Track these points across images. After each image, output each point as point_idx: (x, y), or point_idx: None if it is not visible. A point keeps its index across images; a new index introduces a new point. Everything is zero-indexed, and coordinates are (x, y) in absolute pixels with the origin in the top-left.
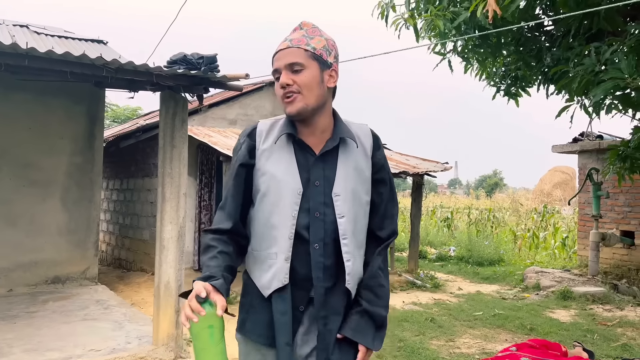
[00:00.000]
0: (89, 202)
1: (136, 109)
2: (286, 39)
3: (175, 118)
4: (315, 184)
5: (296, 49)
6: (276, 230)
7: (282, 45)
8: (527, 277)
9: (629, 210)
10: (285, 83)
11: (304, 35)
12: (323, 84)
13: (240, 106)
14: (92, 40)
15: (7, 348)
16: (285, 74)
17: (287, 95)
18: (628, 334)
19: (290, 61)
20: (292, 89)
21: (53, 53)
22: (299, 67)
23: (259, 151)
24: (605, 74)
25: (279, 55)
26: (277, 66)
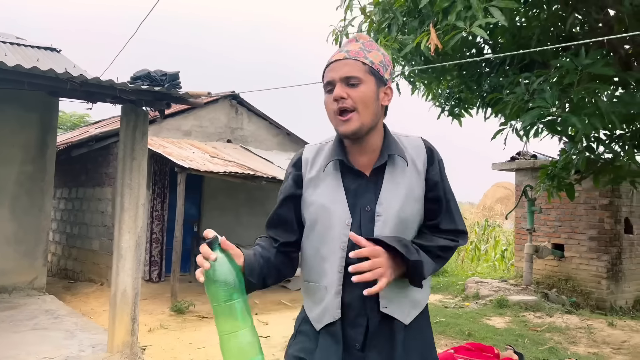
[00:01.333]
0: (39, 211)
1: (84, 116)
2: (341, 50)
3: (136, 131)
4: (366, 209)
5: (353, 61)
6: (326, 262)
7: (337, 55)
8: (468, 287)
9: (560, 224)
10: (340, 95)
11: (362, 48)
12: (378, 102)
13: (195, 118)
14: (45, 48)
15: None
16: (341, 87)
17: (342, 112)
18: (555, 339)
19: (347, 74)
20: (346, 104)
21: (21, 67)
22: (356, 81)
23: (306, 180)
24: (533, 103)
25: (334, 66)
26: (331, 77)
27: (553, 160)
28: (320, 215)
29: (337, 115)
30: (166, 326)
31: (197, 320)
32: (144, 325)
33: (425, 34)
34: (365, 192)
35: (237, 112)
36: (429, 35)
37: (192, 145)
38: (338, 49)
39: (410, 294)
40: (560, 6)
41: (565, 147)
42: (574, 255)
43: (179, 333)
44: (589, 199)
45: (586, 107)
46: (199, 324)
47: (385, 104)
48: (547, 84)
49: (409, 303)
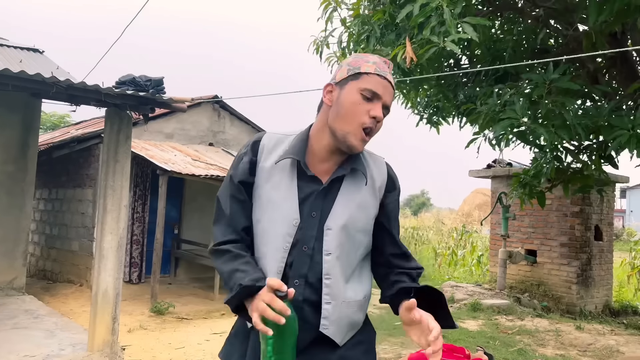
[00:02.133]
0: (19, 211)
1: (64, 116)
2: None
3: (120, 134)
4: (312, 215)
5: (393, 94)
6: (265, 260)
7: (389, 76)
8: (444, 290)
9: (533, 231)
10: (380, 119)
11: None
12: None
13: (178, 121)
14: (28, 49)
15: None
16: (380, 109)
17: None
18: (525, 341)
19: (389, 102)
20: (377, 128)
21: (8, 71)
22: (387, 113)
23: (259, 168)
24: (503, 114)
25: (384, 83)
26: (380, 92)
27: (525, 169)
28: (267, 210)
29: (362, 129)
30: (146, 327)
31: (176, 321)
32: (123, 326)
33: (402, 47)
34: (317, 199)
35: (220, 115)
36: (405, 48)
37: (175, 148)
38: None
39: (352, 318)
40: (531, 21)
41: (536, 156)
42: (546, 261)
43: (158, 333)
44: (561, 206)
45: (554, 118)
46: (178, 325)
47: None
48: (518, 96)
49: (349, 326)
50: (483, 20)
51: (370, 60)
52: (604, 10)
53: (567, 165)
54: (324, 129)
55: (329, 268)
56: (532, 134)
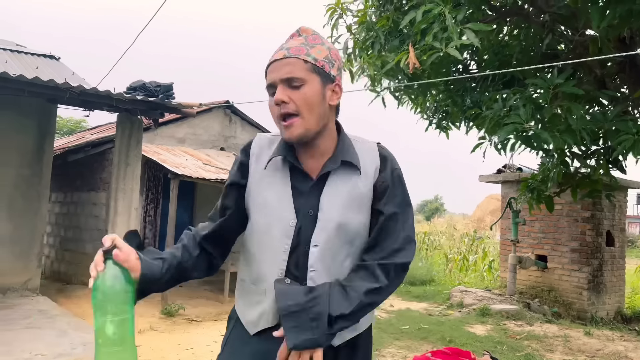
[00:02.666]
0: (34, 214)
1: (80, 122)
2: (282, 47)
3: (131, 138)
4: (309, 213)
5: (294, 60)
6: (265, 264)
7: (277, 54)
8: (453, 295)
9: (543, 236)
10: (281, 100)
11: (304, 44)
12: (325, 102)
13: (189, 126)
14: (44, 56)
15: None
16: (282, 90)
17: (284, 117)
18: (532, 346)
19: (287, 75)
20: (288, 109)
21: (23, 77)
22: (298, 83)
23: (252, 170)
24: (508, 119)
25: (274, 66)
26: (271, 80)
27: (533, 174)
28: (262, 212)
29: (281, 120)
30: (156, 328)
31: (186, 323)
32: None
33: (405, 53)
34: (310, 196)
35: (231, 120)
36: (408, 54)
37: (186, 152)
38: (280, 45)
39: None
40: (537, 27)
41: (542, 161)
42: (556, 267)
43: (168, 335)
44: (572, 211)
45: (558, 123)
46: (188, 327)
47: (333, 103)
48: (522, 101)
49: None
50: (485, 26)
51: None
52: (606, 15)
53: (575, 170)
54: None
55: (314, 261)
56: (536, 139)
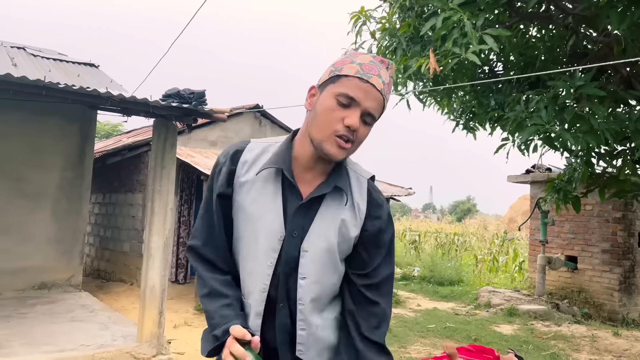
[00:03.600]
0: (77, 214)
1: (117, 125)
2: (379, 76)
3: (166, 142)
4: (293, 234)
5: (382, 101)
6: (251, 278)
7: (376, 80)
8: (481, 295)
9: (573, 237)
10: (356, 128)
11: (388, 84)
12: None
13: (221, 129)
14: (85, 64)
15: (6, 342)
16: (360, 117)
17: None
18: (559, 346)
19: (371, 110)
20: (350, 137)
21: (69, 87)
22: (371, 121)
23: (240, 180)
24: (530, 120)
25: (368, 89)
26: (357, 97)
27: (559, 174)
28: (249, 224)
29: (337, 137)
30: (190, 323)
31: None
32: (169, 322)
33: (426, 58)
34: (297, 216)
35: (261, 123)
36: (428, 59)
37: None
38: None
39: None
40: (561, 29)
41: (567, 161)
42: (587, 268)
43: (201, 330)
44: (602, 212)
45: (581, 124)
46: None
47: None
48: (544, 102)
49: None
50: (504, 31)
51: (356, 61)
52: (625, 18)
53: (602, 171)
54: (305, 134)
55: (303, 293)
56: (558, 140)
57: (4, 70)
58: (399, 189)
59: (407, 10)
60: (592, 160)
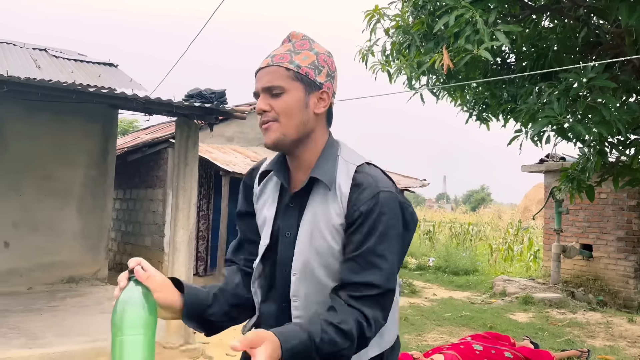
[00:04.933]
0: (101, 210)
1: (132, 122)
2: (269, 55)
3: (189, 140)
4: (286, 235)
5: (276, 68)
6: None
7: (262, 62)
8: (496, 284)
9: (588, 225)
10: (261, 109)
11: (289, 50)
12: (308, 110)
13: (237, 125)
14: (104, 64)
15: (41, 333)
16: (263, 98)
17: (265, 125)
18: (574, 332)
19: (267, 83)
20: (268, 117)
21: (98, 90)
22: (278, 91)
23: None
24: (542, 112)
25: (259, 75)
26: (255, 88)
27: (573, 163)
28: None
29: (261, 127)
30: None
31: None
32: None
33: (439, 55)
34: (286, 214)
35: None
36: (442, 56)
37: (235, 150)
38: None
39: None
40: (572, 21)
41: (580, 151)
42: (602, 256)
43: None
44: (617, 200)
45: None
46: None
47: (318, 112)
48: (555, 94)
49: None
50: (515, 27)
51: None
52: (634, 12)
53: (616, 159)
54: None
55: (296, 290)
56: (571, 131)
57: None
58: (413, 180)
59: (420, 8)
60: (605, 149)
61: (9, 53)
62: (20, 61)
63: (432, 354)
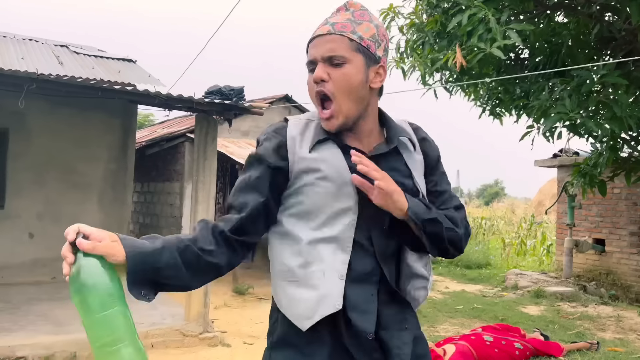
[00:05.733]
0: (121, 203)
1: (148, 115)
2: (327, 22)
3: (208, 136)
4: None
5: (339, 37)
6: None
7: (321, 29)
8: (508, 278)
9: (601, 220)
10: (320, 77)
11: (350, 20)
12: (366, 84)
13: (253, 119)
14: (123, 60)
15: (66, 321)
16: (322, 67)
17: (323, 102)
18: (585, 325)
19: (329, 52)
20: (326, 88)
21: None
22: (340, 61)
23: (296, 158)
24: (554, 109)
25: (317, 42)
26: (312, 56)
27: (586, 158)
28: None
29: (319, 104)
30: (229, 305)
31: (255, 301)
32: (210, 303)
33: (452, 53)
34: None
35: (290, 113)
36: (455, 54)
37: (250, 144)
38: (325, 19)
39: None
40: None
41: (592, 146)
42: (614, 250)
43: (240, 310)
44: (630, 195)
45: (604, 111)
46: (258, 304)
47: (375, 86)
48: (567, 91)
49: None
50: (528, 25)
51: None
52: None
53: (629, 155)
54: None
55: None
56: (582, 127)
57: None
58: None
59: (434, 7)
60: (616, 145)
61: (32, 49)
62: (43, 57)
63: (444, 344)
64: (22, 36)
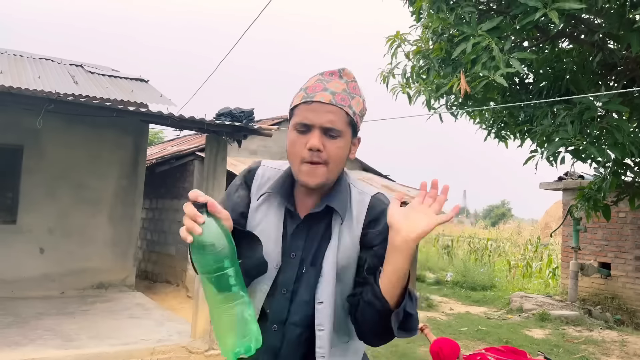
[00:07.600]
0: (130, 219)
1: (157, 133)
2: (326, 89)
3: (217, 156)
4: (291, 255)
5: (339, 110)
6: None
7: (322, 95)
8: (513, 300)
9: (606, 244)
10: (317, 147)
11: (346, 92)
12: (347, 155)
13: (261, 138)
14: (136, 79)
15: (75, 335)
16: (318, 137)
17: (313, 162)
18: (589, 350)
19: (329, 124)
20: (320, 158)
21: (137, 108)
22: (336, 134)
23: (252, 199)
24: (556, 134)
25: (317, 108)
26: (310, 121)
27: (590, 182)
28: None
29: (304, 162)
30: None
31: None
32: None
33: (457, 80)
34: (295, 239)
35: None
36: (459, 80)
37: None
38: (319, 79)
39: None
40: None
41: (596, 171)
42: (620, 274)
43: None
44: (636, 219)
45: (606, 137)
46: None
47: (352, 157)
48: (570, 117)
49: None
50: (530, 54)
51: (302, 88)
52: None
53: (632, 180)
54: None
55: (323, 319)
56: (584, 153)
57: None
58: None
59: (439, 35)
60: (619, 171)
61: (48, 68)
62: (59, 77)
63: None
64: (38, 55)
